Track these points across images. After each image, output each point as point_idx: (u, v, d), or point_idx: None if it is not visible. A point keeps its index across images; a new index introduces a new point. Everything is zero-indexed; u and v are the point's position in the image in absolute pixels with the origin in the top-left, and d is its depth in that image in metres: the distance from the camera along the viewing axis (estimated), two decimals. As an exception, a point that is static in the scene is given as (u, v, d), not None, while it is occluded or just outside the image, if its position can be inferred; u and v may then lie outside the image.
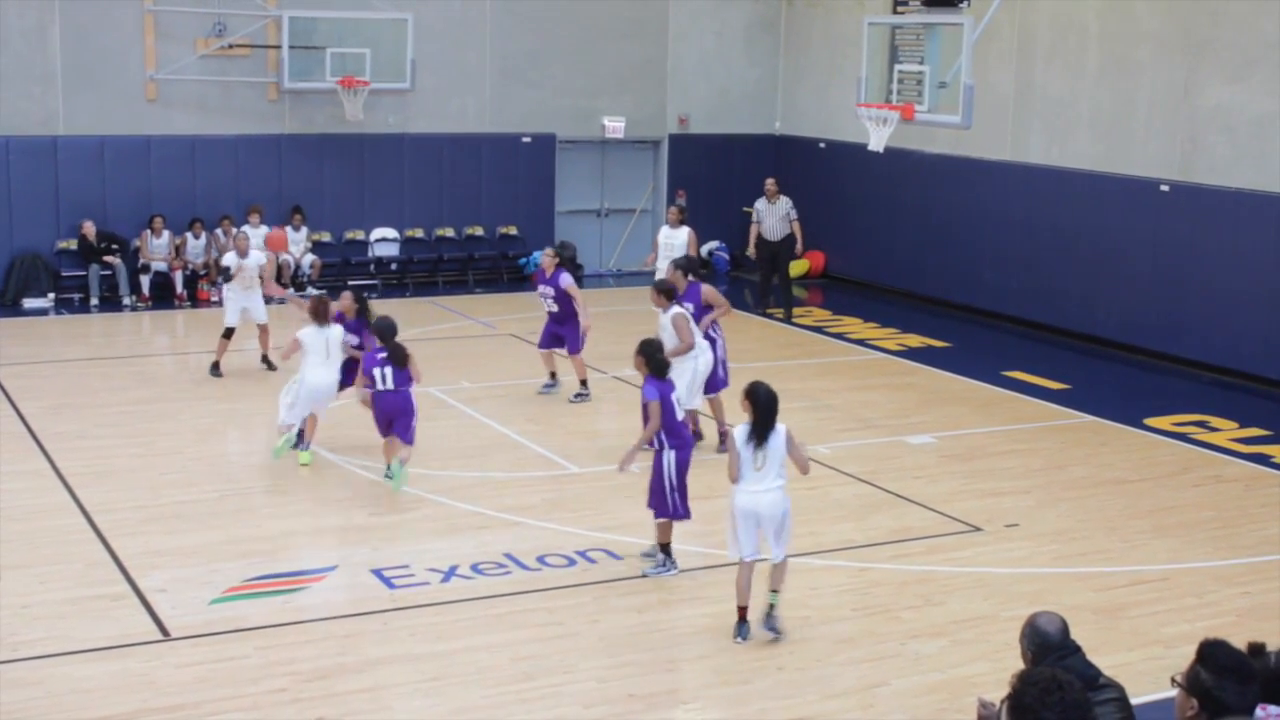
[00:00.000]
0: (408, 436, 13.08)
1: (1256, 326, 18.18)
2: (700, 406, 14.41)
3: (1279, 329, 17.90)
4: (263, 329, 17.55)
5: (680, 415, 11.25)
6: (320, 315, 14.05)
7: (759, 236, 22.23)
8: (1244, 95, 18.30)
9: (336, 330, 14.14)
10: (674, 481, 10.99)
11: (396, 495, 12.93)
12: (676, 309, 14.00)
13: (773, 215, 22.14)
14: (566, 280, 16.24)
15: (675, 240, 18.79)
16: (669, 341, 13.59)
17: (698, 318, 14.45)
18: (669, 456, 10.99)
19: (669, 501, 11.02)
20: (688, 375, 13.86)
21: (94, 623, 10.02)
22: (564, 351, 16.53)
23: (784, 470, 10.02)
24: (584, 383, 16.60)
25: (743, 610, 10.00)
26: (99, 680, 9.13)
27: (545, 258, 16.54)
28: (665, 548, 11.26)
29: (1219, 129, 18.68)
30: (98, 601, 10.41)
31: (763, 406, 9.89)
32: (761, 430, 9.88)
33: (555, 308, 16.40)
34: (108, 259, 21.63)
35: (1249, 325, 18.27)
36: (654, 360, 11.26)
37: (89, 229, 21.57)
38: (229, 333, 17.31)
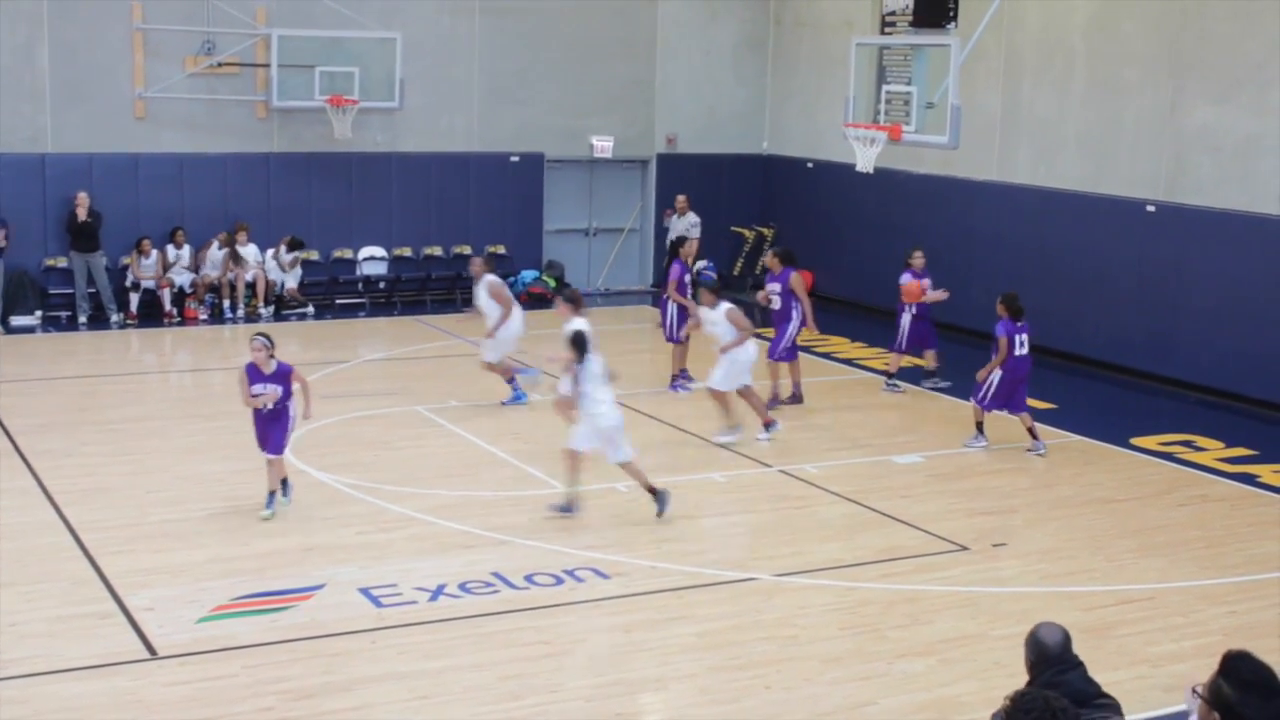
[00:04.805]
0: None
1: (1242, 346, 18.25)
2: (735, 389, 15.83)
3: (1264, 348, 17.98)
4: None
5: None
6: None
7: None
8: (1229, 116, 18.40)
9: None
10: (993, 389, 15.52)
11: (384, 515, 12.95)
12: (727, 304, 15.76)
13: (675, 230, 22.78)
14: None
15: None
16: (725, 336, 15.61)
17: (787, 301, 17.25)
18: (997, 376, 15.45)
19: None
20: (725, 363, 15.63)
21: (81, 641, 10.00)
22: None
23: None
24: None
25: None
26: (86, 699, 9.11)
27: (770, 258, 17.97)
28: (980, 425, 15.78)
29: (1205, 149, 18.77)
30: (85, 620, 10.39)
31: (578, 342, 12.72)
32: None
33: (779, 305, 17.46)
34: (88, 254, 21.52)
35: (1235, 345, 18.34)
36: (1011, 305, 15.52)
37: (83, 201, 21.32)
38: None
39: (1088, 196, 20.34)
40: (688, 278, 18.63)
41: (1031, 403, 17.53)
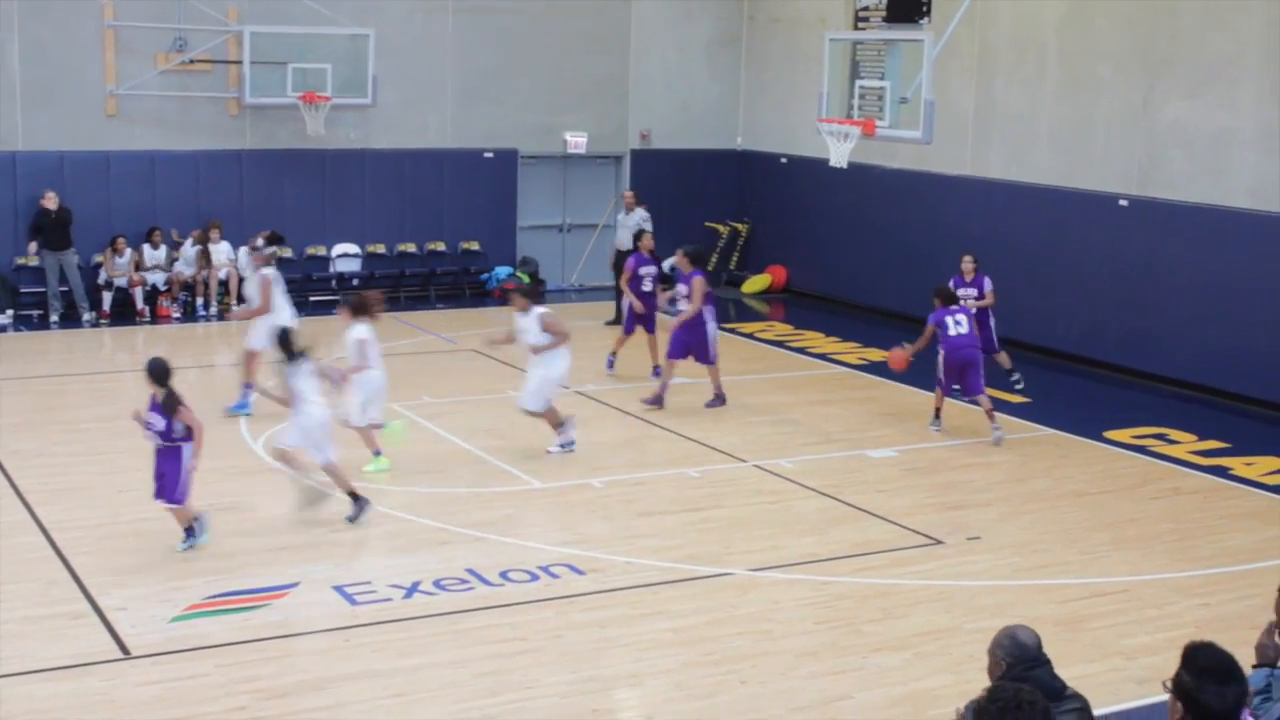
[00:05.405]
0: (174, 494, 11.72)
1: (1214, 339, 18.33)
2: (540, 408, 14.91)
3: (1236, 342, 18.06)
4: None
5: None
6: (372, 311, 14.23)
7: (613, 246, 22.97)
8: (1201, 111, 18.47)
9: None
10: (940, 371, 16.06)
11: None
12: (541, 309, 14.91)
13: (623, 226, 22.63)
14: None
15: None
16: (535, 341, 14.78)
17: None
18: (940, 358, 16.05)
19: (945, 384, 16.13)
20: (538, 380, 14.79)
21: (53, 641, 9.95)
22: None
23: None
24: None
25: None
26: (58, 699, 9.06)
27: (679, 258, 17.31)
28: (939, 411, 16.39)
29: (1177, 144, 18.84)
30: (57, 620, 10.34)
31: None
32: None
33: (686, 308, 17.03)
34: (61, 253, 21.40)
35: (1207, 338, 18.42)
36: (942, 294, 16.17)
37: (51, 200, 21.22)
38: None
39: (1061, 191, 20.41)
40: (643, 271, 18.58)
41: (1005, 396, 17.61)
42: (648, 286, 18.55)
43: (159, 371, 11.49)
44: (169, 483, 11.52)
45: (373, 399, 14.15)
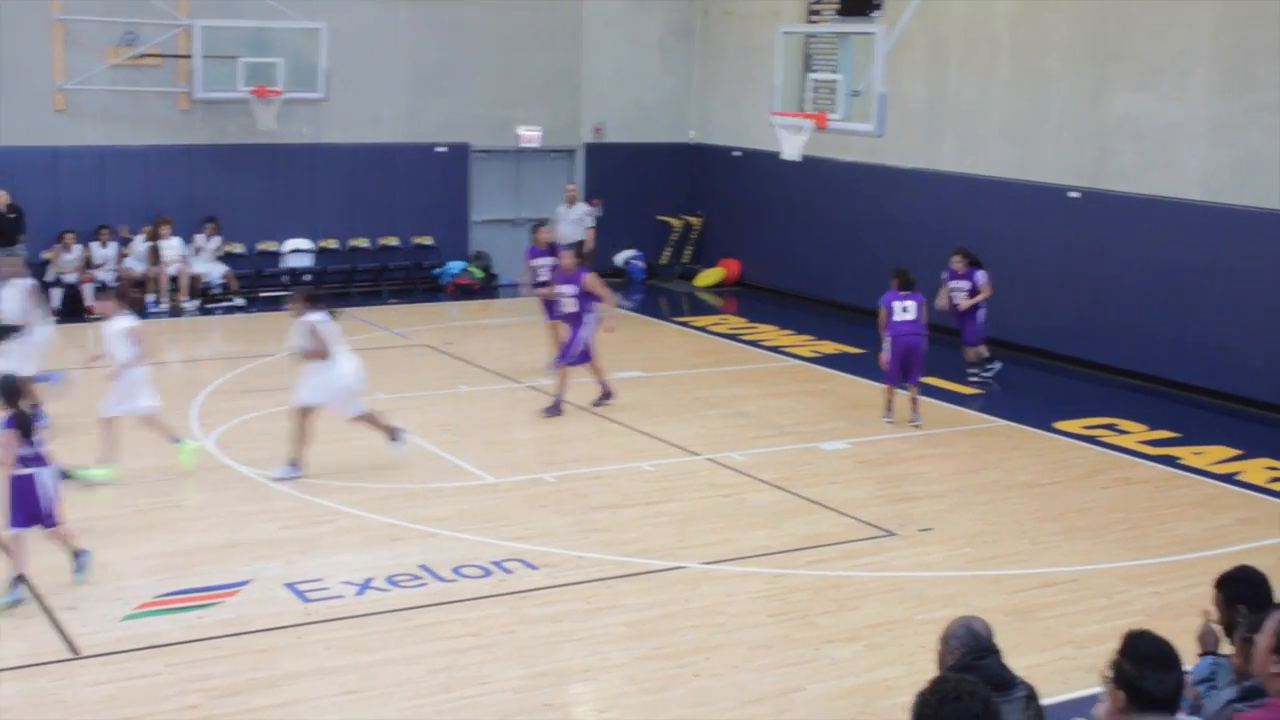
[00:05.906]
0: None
1: (1164, 330, 18.46)
2: (353, 413, 14.25)
3: (1186, 332, 18.20)
4: None
5: None
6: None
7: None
8: (1152, 103, 18.60)
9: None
10: (889, 357, 16.05)
11: (309, 509, 12.88)
12: (317, 315, 14.31)
13: (565, 220, 22.59)
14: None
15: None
16: (302, 346, 14.17)
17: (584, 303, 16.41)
18: (887, 343, 16.02)
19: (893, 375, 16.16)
20: (337, 380, 14.06)
21: (1, 642, 9.85)
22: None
23: None
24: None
25: None
26: (7, 700, 8.98)
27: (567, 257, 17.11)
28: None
29: (1127, 136, 18.96)
30: (5, 620, 10.24)
31: None
32: None
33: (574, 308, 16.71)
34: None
35: (1156, 329, 18.56)
36: (900, 278, 16.22)
37: (2, 198, 21.11)
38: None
39: (1012, 183, 20.51)
40: (535, 262, 18.43)
41: (954, 388, 17.70)
42: (544, 276, 18.42)
43: (6, 390, 10.70)
44: (39, 509, 10.68)
45: (132, 392, 13.76)
